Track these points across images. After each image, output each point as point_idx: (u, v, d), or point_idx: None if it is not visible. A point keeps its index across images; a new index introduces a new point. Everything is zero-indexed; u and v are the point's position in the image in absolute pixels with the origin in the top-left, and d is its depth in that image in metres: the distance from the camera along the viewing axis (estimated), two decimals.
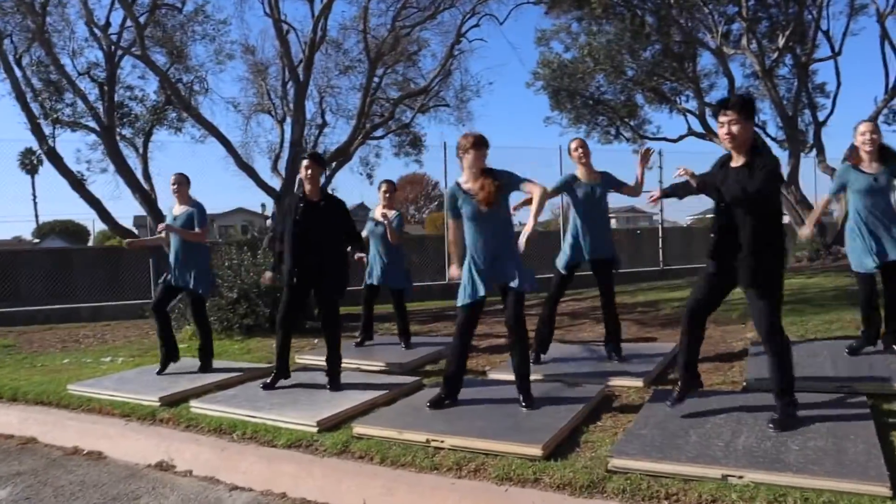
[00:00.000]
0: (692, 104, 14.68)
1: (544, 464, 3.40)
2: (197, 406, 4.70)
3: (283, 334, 5.03)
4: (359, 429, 4.04)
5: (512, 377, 4.82)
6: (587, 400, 4.32)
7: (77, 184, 8.34)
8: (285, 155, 12.36)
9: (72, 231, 37.70)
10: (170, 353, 5.75)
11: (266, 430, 4.19)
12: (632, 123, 15.07)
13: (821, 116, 14.28)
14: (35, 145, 8.08)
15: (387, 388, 4.88)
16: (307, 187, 4.96)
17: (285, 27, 9.43)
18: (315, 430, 4.12)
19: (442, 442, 3.76)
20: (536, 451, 3.49)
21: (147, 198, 9.20)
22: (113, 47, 9.07)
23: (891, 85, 12.94)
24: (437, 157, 13.80)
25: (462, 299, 4.34)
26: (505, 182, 4.27)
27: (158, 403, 4.85)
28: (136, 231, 9.48)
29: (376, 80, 12.56)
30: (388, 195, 6.51)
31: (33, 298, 12.59)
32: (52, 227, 38.32)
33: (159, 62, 10.89)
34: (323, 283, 4.97)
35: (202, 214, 5.74)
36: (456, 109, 12.60)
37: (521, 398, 4.22)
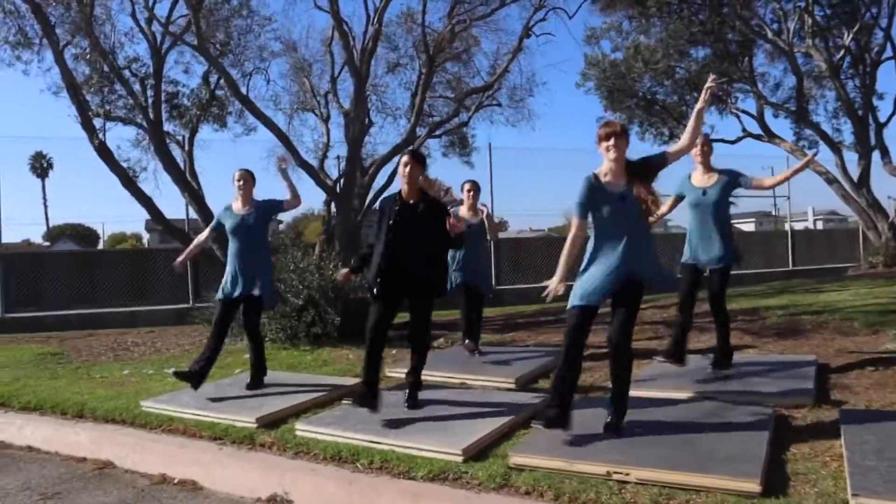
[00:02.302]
0: (748, 104, 14.06)
1: (766, 502, 2.84)
2: (304, 429, 4.06)
3: (370, 348, 4.30)
4: (517, 458, 3.39)
5: (650, 394, 4.49)
6: (765, 423, 3.68)
7: (128, 181, 7.75)
8: (333, 154, 11.86)
9: (82, 234, 37.35)
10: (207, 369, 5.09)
11: (398, 460, 3.55)
12: (682, 124, 14.45)
13: (881, 118, 13.64)
14: (45, 147, 7.57)
15: (519, 407, 4.24)
16: (404, 188, 4.32)
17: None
18: (460, 458, 3.48)
19: (627, 475, 3.13)
20: (754, 486, 2.91)
21: (196, 196, 8.60)
22: (163, 37, 8.50)
23: None
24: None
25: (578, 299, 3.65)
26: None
27: (256, 425, 4.21)
28: (186, 232, 8.83)
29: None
30: (472, 194, 6.16)
31: (57, 303, 12.04)
32: (62, 231, 37.95)
33: (203, 59, 10.37)
34: (418, 290, 4.33)
35: (271, 200, 5.19)
36: (511, 108, 12.01)
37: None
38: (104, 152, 7.47)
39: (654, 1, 11.90)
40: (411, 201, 4.30)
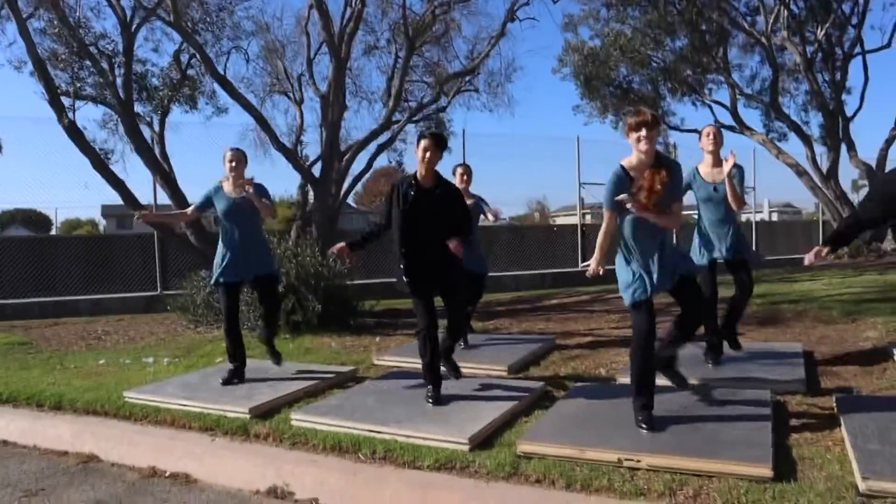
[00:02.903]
0: (720, 95, 14.22)
1: (777, 486, 2.85)
2: (301, 419, 3.94)
3: (429, 345, 4.23)
4: (525, 446, 3.34)
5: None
6: (766, 409, 3.71)
7: (100, 163, 7.40)
8: (306, 138, 11.61)
9: (34, 220, 35.97)
10: (244, 359, 4.98)
11: (402, 449, 3.47)
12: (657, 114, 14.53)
13: (848, 112, 13.95)
14: None
15: (517, 395, 4.20)
16: (421, 171, 4.17)
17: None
18: (466, 447, 3.42)
19: (638, 461, 3.12)
20: (766, 471, 2.92)
21: (168, 179, 8.30)
22: (133, 13, 8.14)
23: None
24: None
25: (635, 295, 3.63)
26: (677, 179, 3.61)
27: (249, 415, 4.07)
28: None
29: (402, 61, 11.82)
30: (465, 178, 5.94)
31: (12, 290, 11.55)
32: (12, 216, 36.52)
33: (175, 38, 10.02)
34: (447, 280, 4.24)
35: (267, 192, 4.93)
36: (489, 94, 11.91)
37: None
38: (74, 133, 7.13)
39: None
40: (428, 186, 4.18)
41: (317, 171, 9.20)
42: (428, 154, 4.12)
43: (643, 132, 3.37)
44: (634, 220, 3.51)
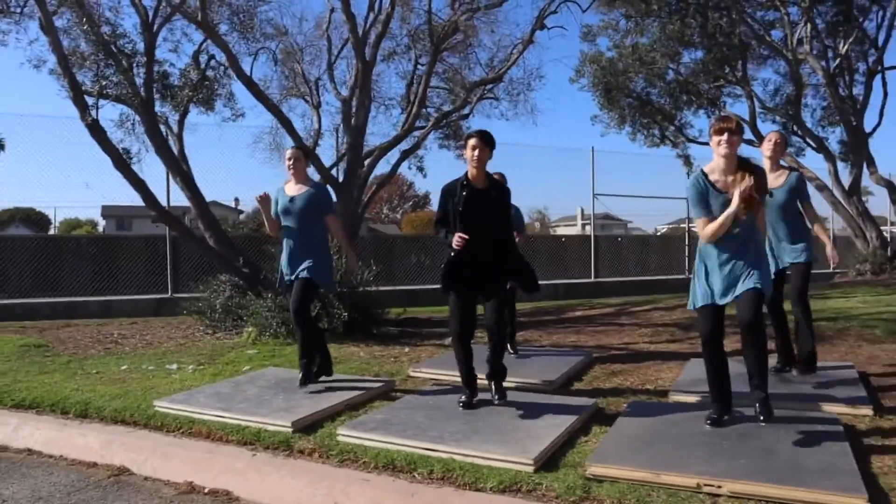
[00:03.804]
0: (737, 108, 14.09)
1: None
2: (348, 434, 3.73)
3: (461, 349, 4.13)
4: (596, 469, 3.14)
5: (696, 398, 4.33)
6: (839, 432, 3.52)
7: (122, 163, 7.20)
8: (324, 142, 11.43)
9: (33, 219, 35.69)
10: (311, 365, 4.77)
11: (461, 469, 3.26)
12: (674, 126, 14.39)
13: (866, 128, 13.82)
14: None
15: (570, 412, 3.99)
16: (472, 171, 4.03)
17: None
18: (531, 468, 3.21)
19: (719, 487, 2.93)
20: (861, 502, 2.72)
21: (188, 180, 8.10)
22: (154, 13, 7.96)
23: None
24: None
25: (693, 300, 3.62)
26: (763, 183, 3.52)
27: (291, 429, 3.86)
28: (181, 220, 8.23)
29: (423, 67, 11.67)
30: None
31: (17, 290, 11.34)
32: (12, 215, 36.27)
33: (195, 38, 9.86)
34: (493, 285, 4.06)
35: (329, 198, 4.83)
36: (510, 102, 11.76)
37: (761, 413, 3.54)
38: (96, 131, 6.93)
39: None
40: (480, 186, 4.01)
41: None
42: (477, 152, 3.99)
43: (725, 136, 3.42)
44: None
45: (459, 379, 4.30)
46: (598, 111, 13.78)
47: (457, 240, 3.91)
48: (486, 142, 4.03)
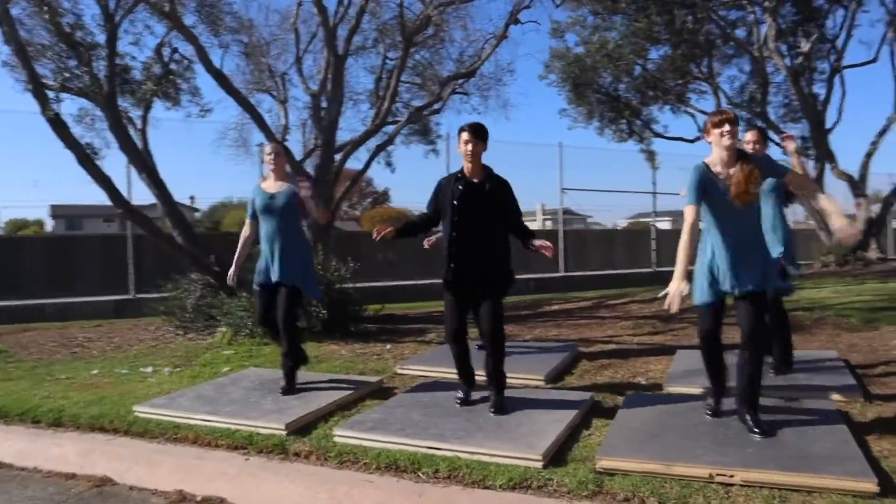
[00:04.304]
0: (706, 104, 14.31)
1: (886, 501, 2.70)
2: (345, 435, 3.60)
3: (457, 348, 4.02)
4: (605, 462, 3.09)
5: (691, 389, 4.31)
6: (837, 419, 3.55)
7: (86, 159, 6.87)
8: (290, 138, 11.20)
9: None
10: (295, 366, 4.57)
11: (468, 467, 3.17)
12: (639, 121, 14.54)
13: (827, 125, 14.18)
14: None
15: (569, 406, 3.94)
16: (467, 166, 3.91)
17: None
18: (540, 464, 3.14)
19: (731, 476, 2.92)
20: (871, 486, 2.75)
21: (155, 177, 7.79)
22: (116, 3, 7.62)
23: None
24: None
25: (696, 297, 3.53)
26: (764, 170, 3.47)
27: (285, 431, 3.71)
28: (150, 219, 7.90)
29: (392, 61, 11.52)
30: None
31: None
32: None
33: (157, 31, 9.51)
34: (487, 281, 3.93)
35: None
36: (480, 97, 11.68)
37: (752, 424, 3.38)
38: (59, 126, 6.59)
39: None
40: (476, 180, 3.90)
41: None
42: (470, 146, 3.85)
43: (726, 127, 3.36)
44: (718, 213, 3.42)
45: (448, 375, 4.19)
46: (567, 106, 13.83)
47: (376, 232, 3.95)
48: (479, 134, 3.90)
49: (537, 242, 3.88)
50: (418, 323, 8.22)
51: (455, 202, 3.88)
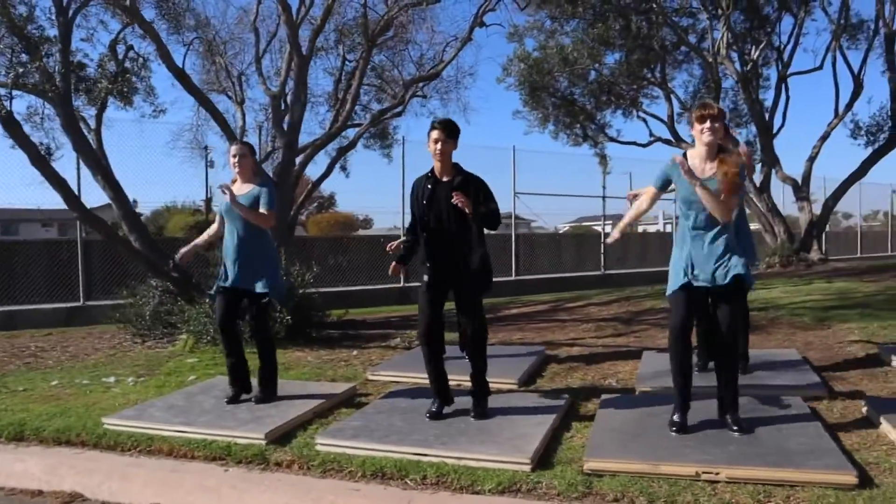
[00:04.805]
0: (658, 109, 14.70)
1: (864, 493, 2.81)
2: (327, 443, 3.55)
3: (428, 352, 3.89)
4: (593, 464, 3.13)
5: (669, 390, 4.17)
6: (809, 415, 3.70)
7: (40, 160, 6.56)
8: (249, 140, 10.96)
9: None
10: (243, 384, 4.40)
11: (455, 473, 3.16)
12: (593, 126, 14.80)
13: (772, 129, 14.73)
14: None
15: (547, 409, 3.98)
16: (436, 164, 3.87)
17: None
18: (528, 467, 3.17)
19: (717, 474, 3.01)
20: (851, 478, 2.88)
21: (110, 179, 7.52)
22: None
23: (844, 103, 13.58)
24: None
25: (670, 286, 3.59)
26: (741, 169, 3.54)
27: (265, 441, 3.63)
28: (107, 223, 7.58)
29: (351, 63, 11.45)
30: None
31: None
32: None
33: (111, 27, 9.22)
34: (463, 281, 3.92)
35: (271, 194, 4.39)
36: (439, 100, 11.70)
37: (731, 422, 3.47)
38: (11, 124, 6.28)
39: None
40: (445, 178, 3.88)
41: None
42: (440, 145, 3.81)
43: (707, 124, 3.41)
44: (691, 206, 3.47)
45: (422, 381, 4.13)
46: (522, 108, 13.99)
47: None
48: (449, 132, 3.83)
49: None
50: (379, 328, 8.17)
51: (424, 202, 3.87)
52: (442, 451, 3.33)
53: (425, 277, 3.90)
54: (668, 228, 31.70)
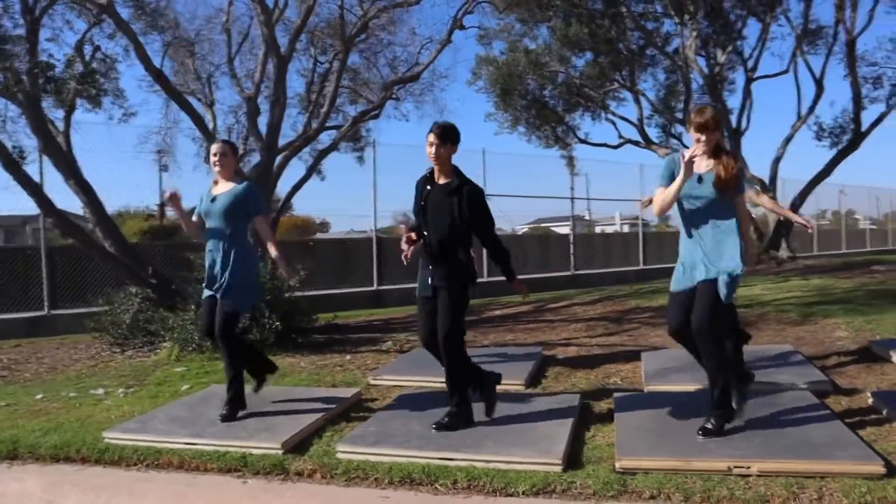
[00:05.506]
0: (628, 111, 14.91)
1: (892, 481, 2.86)
2: (348, 450, 3.45)
3: (436, 356, 3.83)
4: (626, 462, 3.12)
5: (672, 387, 4.42)
6: (824, 408, 3.76)
7: (10, 162, 6.25)
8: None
9: None
10: (239, 394, 4.14)
11: (486, 476, 3.11)
12: (561, 128, 14.94)
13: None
14: None
15: (563, 410, 3.96)
16: (435, 167, 3.82)
17: None
18: (559, 468, 3.13)
19: (748, 468, 3.02)
20: (879, 468, 2.93)
21: (82, 182, 7.23)
22: None
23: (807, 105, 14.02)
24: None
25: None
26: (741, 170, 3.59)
27: (282, 450, 3.51)
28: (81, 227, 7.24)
29: (324, 65, 11.31)
30: None
31: None
32: None
33: (77, 27, 8.89)
34: (442, 282, 3.75)
35: (257, 197, 4.17)
36: (415, 103, 11.63)
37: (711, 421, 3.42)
38: None
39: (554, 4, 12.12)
40: (441, 181, 3.81)
41: None
42: (433, 149, 3.73)
43: (703, 136, 3.41)
44: (688, 203, 3.50)
45: (425, 383, 4.04)
46: (494, 110, 14.04)
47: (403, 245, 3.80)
48: (444, 136, 3.73)
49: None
50: (364, 332, 8.06)
51: (423, 203, 3.81)
52: (471, 455, 3.27)
53: (420, 288, 3.83)
54: (626, 229, 32.28)
